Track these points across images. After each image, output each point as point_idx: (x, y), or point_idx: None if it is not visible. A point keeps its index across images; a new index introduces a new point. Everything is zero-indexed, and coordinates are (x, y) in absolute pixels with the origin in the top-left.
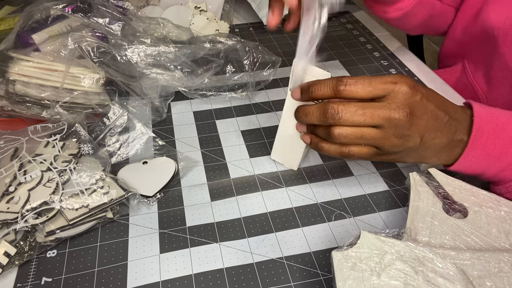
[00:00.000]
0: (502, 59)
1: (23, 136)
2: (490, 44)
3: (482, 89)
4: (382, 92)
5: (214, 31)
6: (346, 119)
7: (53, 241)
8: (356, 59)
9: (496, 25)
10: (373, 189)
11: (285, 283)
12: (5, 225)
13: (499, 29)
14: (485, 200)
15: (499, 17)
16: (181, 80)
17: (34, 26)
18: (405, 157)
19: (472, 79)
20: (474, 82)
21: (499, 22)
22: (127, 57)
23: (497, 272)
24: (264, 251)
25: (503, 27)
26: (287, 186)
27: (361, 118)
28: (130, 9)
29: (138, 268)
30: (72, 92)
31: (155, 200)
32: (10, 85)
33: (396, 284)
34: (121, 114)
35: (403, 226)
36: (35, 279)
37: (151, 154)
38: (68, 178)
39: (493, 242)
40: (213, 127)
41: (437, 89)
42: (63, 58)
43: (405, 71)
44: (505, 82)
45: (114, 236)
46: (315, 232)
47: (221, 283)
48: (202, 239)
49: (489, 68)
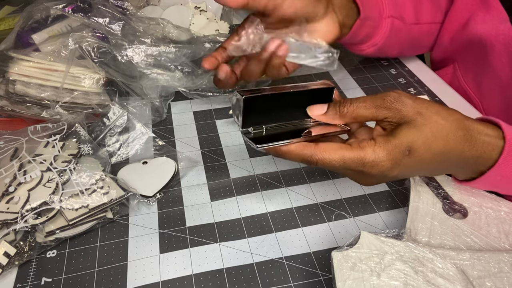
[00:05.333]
0: (491, 68)
1: (23, 136)
2: (479, 53)
3: (475, 93)
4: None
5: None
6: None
7: (53, 241)
8: (356, 59)
9: (484, 35)
10: (373, 189)
11: (285, 283)
12: (5, 225)
13: (487, 40)
14: (485, 201)
15: (486, 27)
16: (181, 80)
17: (34, 26)
18: (408, 175)
19: (464, 82)
20: (466, 85)
21: (486, 32)
22: (127, 57)
23: (497, 272)
24: (264, 251)
25: (491, 37)
26: (287, 186)
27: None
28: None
29: (138, 268)
30: (72, 92)
31: (155, 200)
32: (10, 85)
33: (396, 284)
34: (121, 114)
35: (403, 226)
36: (35, 279)
37: (151, 154)
38: (68, 178)
39: (493, 242)
40: (213, 127)
41: (437, 89)
42: (63, 58)
43: (405, 71)
44: (496, 89)
45: (114, 236)
46: (315, 232)
47: (221, 283)
48: (202, 239)
49: (479, 74)
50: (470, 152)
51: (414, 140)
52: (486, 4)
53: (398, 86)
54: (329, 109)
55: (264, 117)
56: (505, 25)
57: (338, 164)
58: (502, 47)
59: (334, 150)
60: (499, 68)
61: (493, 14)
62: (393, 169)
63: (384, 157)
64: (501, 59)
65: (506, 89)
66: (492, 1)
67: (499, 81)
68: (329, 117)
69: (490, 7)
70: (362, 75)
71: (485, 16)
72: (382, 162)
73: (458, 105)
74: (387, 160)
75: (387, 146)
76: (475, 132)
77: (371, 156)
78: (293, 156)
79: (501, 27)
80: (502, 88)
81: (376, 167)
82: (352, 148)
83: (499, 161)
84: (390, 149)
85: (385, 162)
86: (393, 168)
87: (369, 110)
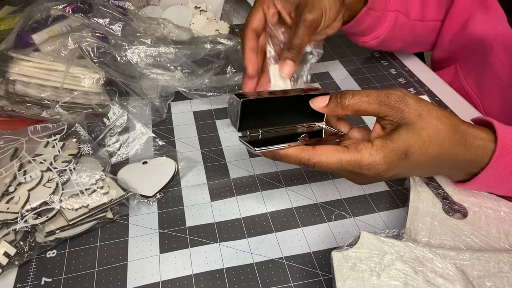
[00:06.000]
0: (491, 68)
1: (23, 136)
2: (479, 54)
3: (476, 93)
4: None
5: (214, 31)
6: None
7: (53, 241)
8: (356, 59)
9: (483, 35)
10: (373, 189)
11: (285, 283)
12: (5, 225)
13: (486, 40)
14: (484, 201)
15: (485, 27)
16: (181, 81)
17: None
18: (404, 176)
19: (465, 82)
20: (467, 86)
21: (486, 33)
22: (127, 57)
23: (497, 272)
24: (264, 251)
25: (490, 37)
26: (287, 186)
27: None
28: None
29: (138, 268)
30: (72, 92)
31: (155, 200)
32: (10, 85)
33: (396, 284)
34: (121, 114)
35: (403, 226)
36: (35, 279)
37: (151, 154)
38: (68, 178)
39: (493, 242)
40: (213, 127)
41: (437, 89)
42: (63, 58)
43: (405, 71)
44: (496, 89)
45: (114, 236)
46: (315, 232)
47: (221, 283)
48: (202, 239)
49: (480, 75)
50: (464, 156)
51: (411, 144)
52: (485, 5)
53: (398, 86)
54: (331, 101)
55: (261, 120)
56: (503, 26)
57: (335, 167)
58: (501, 47)
59: (331, 153)
60: (498, 68)
61: (492, 14)
62: (389, 171)
63: (381, 160)
64: (501, 59)
65: (506, 89)
66: (490, 2)
67: (499, 81)
68: (330, 109)
69: (489, 7)
70: (362, 75)
71: (484, 16)
72: (378, 165)
73: (458, 105)
74: (383, 164)
75: (384, 150)
76: (470, 136)
77: (368, 159)
78: (291, 159)
79: (499, 28)
80: (502, 88)
81: (373, 169)
82: (349, 151)
83: (491, 161)
84: (387, 152)
85: (382, 165)
86: (389, 170)
87: (372, 105)
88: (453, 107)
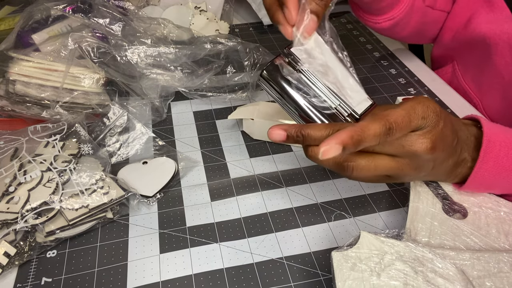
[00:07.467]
0: (493, 67)
1: (23, 136)
2: (481, 51)
3: (474, 92)
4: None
5: (214, 31)
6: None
7: (53, 241)
8: (356, 59)
9: (488, 33)
10: (373, 189)
11: (285, 283)
12: (5, 225)
13: (490, 38)
14: (484, 201)
15: (491, 25)
16: (181, 81)
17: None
18: (412, 180)
19: (463, 81)
20: (465, 85)
21: (490, 31)
22: (127, 57)
23: (497, 272)
24: (264, 251)
25: (494, 36)
26: (287, 186)
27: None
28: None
29: (138, 268)
30: (72, 92)
31: (155, 200)
32: (10, 85)
33: (396, 284)
34: (121, 114)
35: (403, 226)
36: (35, 279)
37: (151, 154)
38: (68, 178)
39: (493, 242)
40: (213, 127)
41: (437, 89)
42: (63, 58)
43: (405, 71)
44: (498, 87)
45: (114, 236)
46: (315, 232)
47: (221, 283)
48: (202, 239)
49: (479, 73)
50: (453, 160)
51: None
52: (489, 3)
53: (398, 86)
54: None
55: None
56: (510, 24)
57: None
58: (506, 46)
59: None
60: (502, 67)
61: (497, 12)
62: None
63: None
64: (504, 58)
65: (507, 88)
66: (495, 0)
67: (501, 79)
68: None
69: (494, 5)
70: (362, 75)
71: (489, 14)
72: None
73: (458, 105)
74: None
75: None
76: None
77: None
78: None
79: (505, 26)
80: (504, 87)
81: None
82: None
83: (479, 158)
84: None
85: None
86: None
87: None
88: (453, 107)
